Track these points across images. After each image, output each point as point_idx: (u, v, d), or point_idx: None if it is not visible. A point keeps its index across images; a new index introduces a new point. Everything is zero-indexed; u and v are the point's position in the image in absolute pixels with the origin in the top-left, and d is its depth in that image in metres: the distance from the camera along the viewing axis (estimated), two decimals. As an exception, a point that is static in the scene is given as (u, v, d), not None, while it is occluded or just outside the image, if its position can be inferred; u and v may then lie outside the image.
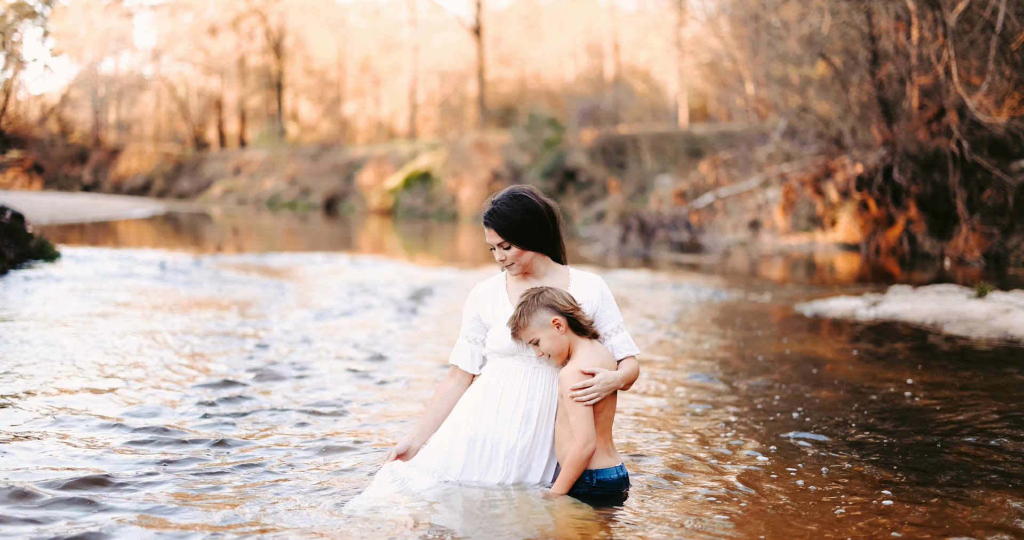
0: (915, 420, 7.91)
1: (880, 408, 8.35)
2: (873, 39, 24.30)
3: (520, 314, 5.65)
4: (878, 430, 7.55)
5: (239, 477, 6.08)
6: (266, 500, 5.62)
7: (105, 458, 6.43)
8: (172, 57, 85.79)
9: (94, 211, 48.78)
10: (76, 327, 12.14)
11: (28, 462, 6.26)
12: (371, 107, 77.68)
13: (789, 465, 6.54)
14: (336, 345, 11.64)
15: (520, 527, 5.13)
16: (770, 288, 18.50)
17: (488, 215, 5.82)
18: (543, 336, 5.62)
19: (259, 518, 5.29)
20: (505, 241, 5.80)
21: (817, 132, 27.70)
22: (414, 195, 55.62)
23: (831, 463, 6.60)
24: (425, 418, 6.13)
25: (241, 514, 5.35)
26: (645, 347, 11.63)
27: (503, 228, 5.79)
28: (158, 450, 6.67)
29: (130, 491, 5.76)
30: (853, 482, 6.17)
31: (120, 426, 7.27)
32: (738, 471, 6.39)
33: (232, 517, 5.29)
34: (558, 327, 5.61)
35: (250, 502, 5.58)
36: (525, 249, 5.83)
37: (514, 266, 5.87)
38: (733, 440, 7.26)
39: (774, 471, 6.41)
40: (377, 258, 25.94)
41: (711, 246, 28.97)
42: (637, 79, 58.43)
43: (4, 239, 19.50)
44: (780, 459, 6.71)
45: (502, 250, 5.83)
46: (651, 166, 41.79)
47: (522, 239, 5.79)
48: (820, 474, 6.33)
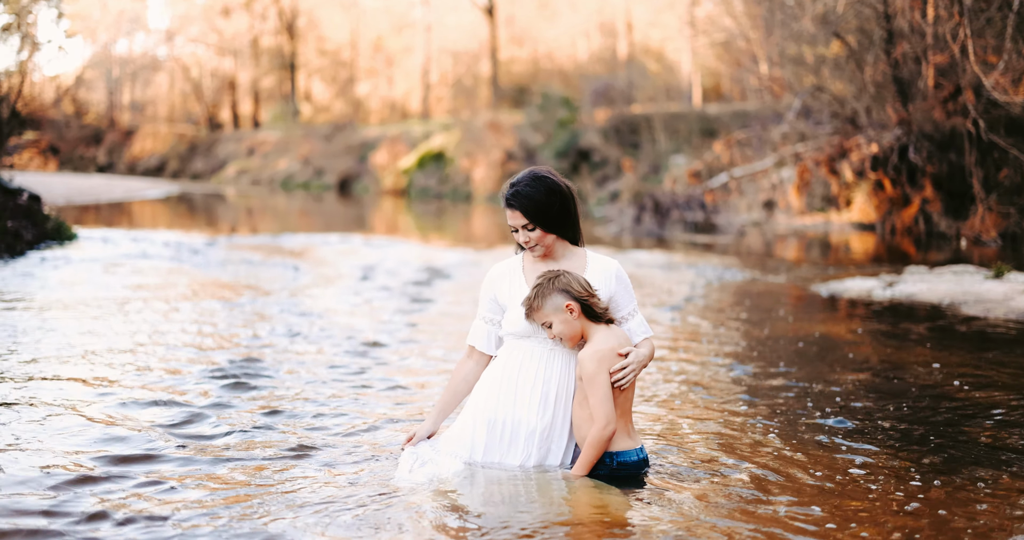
0: (938, 402, 7.89)
1: (901, 391, 8.33)
2: (888, 18, 24.19)
3: (535, 296, 5.64)
4: (901, 413, 7.53)
5: (261, 463, 6.09)
6: (292, 485, 5.63)
7: (114, 442, 6.43)
8: (185, 38, 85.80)
9: (109, 192, 48.86)
10: (92, 309, 12.17)
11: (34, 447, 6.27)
12: (384, 87, 77.59)
13: (811, 448, 6.53)
14: (353, 326, 11.66)
15: (543, 508, 5.15)
16: (785, 268, 18.47)
17: (512, 196, 5.75)
18: (556, 320, 5.61)
19: (287, 504, 5.30)
20: (530, 223, 5.75)
21: (832, 112, 27.60)
22: (428, 175, 55.59)
23: (853, 446, 6.59)
24: (444, 400, 6.14)
25: (266, 502, 5.35)
26: (661, 329, 11.62)
27: (528, 209, 5.72)
28: (172, 435, 6.67)
29: (141, 482, 5.74)
30: (876, 465, 6.16)
31: (133, 409, 7.28)
32: (758, 454, 6.39)
33: (258, 504, 5.29)
34: (571, 312, 5.59)
35: (276, 489, 5.59)
36: (548, 231, 5.80)
37: (537, 248, 5.83)
38: (753, 423, 7.26)
39: (795, 453, 6.40)
40: (391, 239, 25.96)
41: (725, 226, 28.93)
42: (650, 58, 58.28)
43: (21, 221, 19.56)
44: (801, 441, 6.70)
45: (526, 232, 5.78)
46: (665, 146, 41.70)
47: (546, 221, 5.75)
48: (842, 457, 6.32)
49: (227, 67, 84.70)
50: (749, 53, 35.19)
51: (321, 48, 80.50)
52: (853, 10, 25.17)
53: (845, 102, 26.94)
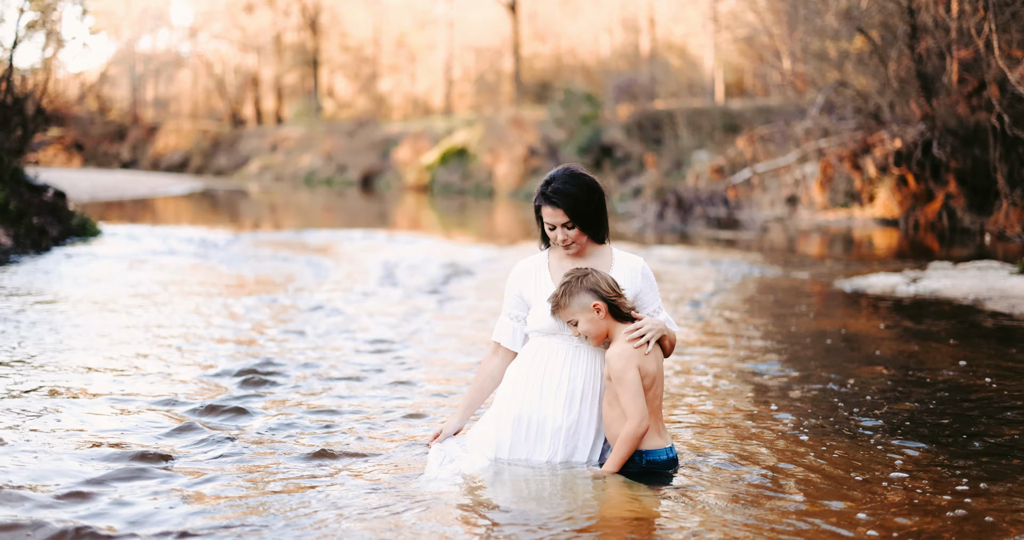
0: (966, 400, 7.85)
1: (929, 388, 8.29)
2: (912, 12, 24.10)
3: (562, 293, 5.63)
4: (929, 411, 7.49)
5: (289, 461, 6.09)
6: (315, 485, 5.64)
7: (128, 443, 6.39)
8: (209, 34, 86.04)
9: (133, 188, 49.02)
10: (117, 306, 12.22)
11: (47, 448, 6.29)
12: (407, 83, 77.62)
13: (841, 446, 6.49)
14: (375, 323, 11.68)
15: (571, 505, 5.15)
16: (809, 264, 18.44)
17: (554, 193, 5.71)
18: (582, 318, 5.61)
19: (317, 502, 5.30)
20: (570, 221, 5.73)
21: (855, 107, 27.51)
22: (450, 171, 55.62)
23: (885, 445, 6.55)
24: (469, 397, 6.16)
25: (295, 498, 5.35)
26: (686, 326, 11.62)
27: (570, 207, 5.70)
28: (189, 437, 6.64)
29: (171, 475, 5.78)
30: (909, 464, 6.12)
31: (150, 410, 7.29)
32: (787, 452, 6.36)
33: (289, 501, 5.30)
34: (598, 312, 5.59)
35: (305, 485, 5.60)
36: (584, 229, 5.80)
37: (572, 246, 5.82)
38: (781, 420, 7.24)
39: (826, 452, 6.36)
40: (415, 235, 26.00)
41: (748, 222, 28.87)
42: (673, 54, 58.16)
43: (47, 217, 19.66)
44: (831, 440, 6.67)
45: (564, 230, 5.75)
46: (688, 142, 41.62)
47: (585, 218, 5.74)
48: (874, 457, 6.28)
49: (250, 63, 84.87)
50: (772, 48, 35.12)
51: (344, 44, 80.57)
52: (877, 5, 25.08)
53: (868, 97, 26.86)
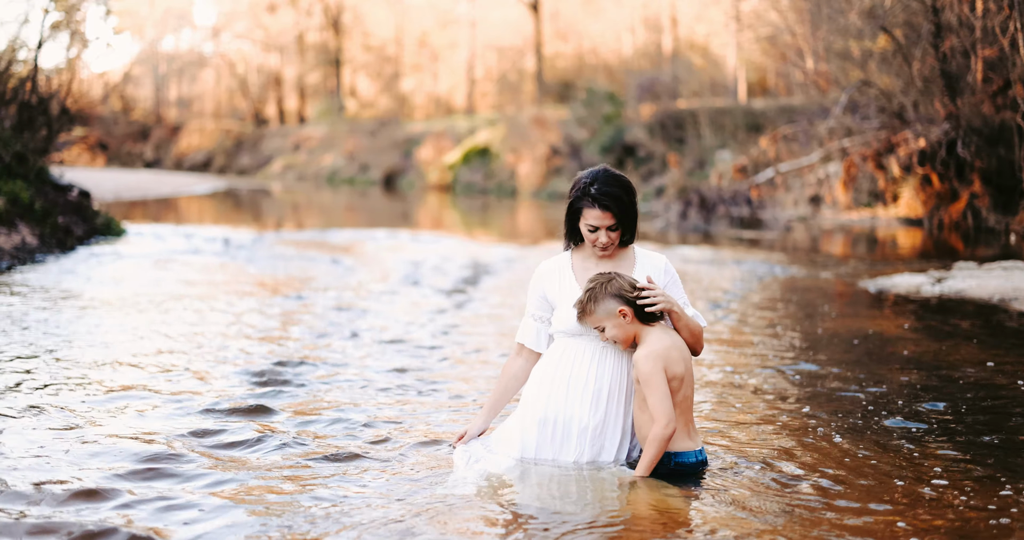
0: (994, 401, 7.80)
1: (957, 389, 8.24)
2: (936, 11, 24.01)
3: (587, 300, 5.60)
4: (958, 413, 7.44)
5: (312, 462, 6.09)
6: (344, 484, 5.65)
7: (147, 445, 6.35)
8: (232, 34, 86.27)
9: (157, 187, 49.17)
10: (141, 306, 12.26)
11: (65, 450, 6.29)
12: (429, 83, 77.67)
13: (869, 448, 6.45)
14: (398, 325, 11.69)
15: (598, 505, 5.15)
16: (832, 264, 18.39)
17: (603, 196, 5.64)
18: (609, 324, 5.58)
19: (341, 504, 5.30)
20: (615, 223, 5.70)
21: (879, 106, 27.41)
22: (473, 171, 55.63)
23: (913, 447, 6.50)
24: (494, 398, 6.15)
25: (318, 499, 5.35)
26: (710, 326, 11.58)
27: (619, 210, 5.68)
28: (209, 440, 6.62)
29: (192, 476, 5.77)
30: (939, 467, 6.07)
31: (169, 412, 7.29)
32: (816, 454, 6.32)
33: (312, 502, 5.30)
34: (624, 317, 5.57)
35: (330, 485, 5.60)
36: (626, 231, 5.80)
37: (609, 247, 5.80)
38: (809, 422, 7.20)
39: (854, 453, 6.33)
40: (438, 234, 26.02)
41: (772, 221, 28.80)
42: (695, 53, 58.06)
43: (72, 216, 19.74)
44: (858, 441, 6.63)
45: (607, 232, 5.71)
46: (710, 141, 41.56)
47: (628, 221, 5.74)
48: (903, 459, 6.24)
49: (273, 63, 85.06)
50: (795, 47, 35.02)
51: (366, 44, 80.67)
52: (900, 4, 25.00)
53: (892, 97, 26.77)
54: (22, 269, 15.16)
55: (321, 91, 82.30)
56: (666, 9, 60.55)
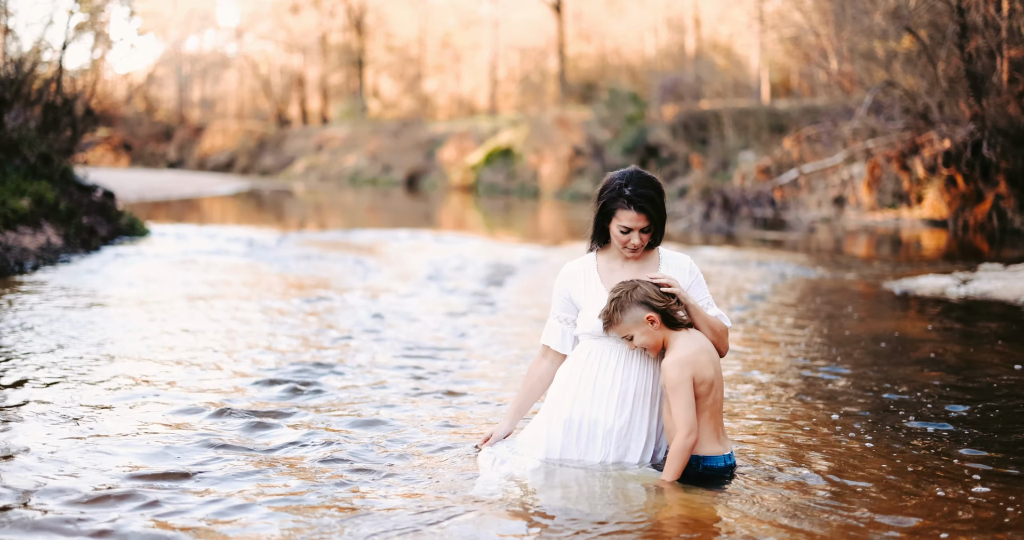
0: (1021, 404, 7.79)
1: (984, 392, 8.18)
2: (962, 12, 23.90)
3: (613, 310, 5.58)
4: (987, 416, 7.37)
5: (338, 465, 6.08)
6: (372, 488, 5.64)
7: (167, 449, 6.35)
8: (255, 35, 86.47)
9: (180, 188, 49.31)
10: (167, 307, 12.30)
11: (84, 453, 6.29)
12: (452, 83, 77.70)
13: (897, 451, 6.41)
14: (421, 326, 11.68)
15: (625, 507, 5.14)
16: (856, 265, 18.32)
17: (639, 197, 5.63)
18: (637, 332, 5.57)
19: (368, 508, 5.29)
20: (649, 225, 5.69)
21: (903, 107, 27.29)
22: (495, 171, 55.62)
23: (943, 451, 6.45)
24: (519, 400, 6.14)
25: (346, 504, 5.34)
26: (736, 327, 11.55)
27: (654, 212, 5.68)
28: (230, 443, 6.61)
29: (219, 482, 5.75)
30: (970, 472, 6.01)
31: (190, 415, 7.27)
32: (844, 457, 6.28)
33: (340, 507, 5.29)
34: (652, 323, 5.55)
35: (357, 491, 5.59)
36: (657, 233, 5.79)
37: (638, 250, 5.78)
38: (837, 425, 7.16)
39: (884, 457, 6.29)
40: (460, 235, 26.01)
41: (795, 222, 28.72)
42: (718, 54, 57.94)
43: (96, 216, 19.82)
44: (886, 445, 6.58)
45: (640, 234, 5.70)
46: (733, 142, 41.46)
47: (661, 223, 5.74)
48: (932, 463, 6.18)
49: (296, 64, 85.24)
50: (819, 48, 34.91)
51: (389, 45, 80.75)
52: (925, 4, 24.90)
53: (917, 97, 26.65)
54: (47, 269, 15.22)
55: (344, 92, 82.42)
56: (689, 10, 60.44)
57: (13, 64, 21.09)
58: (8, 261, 15.08)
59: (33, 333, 10.07)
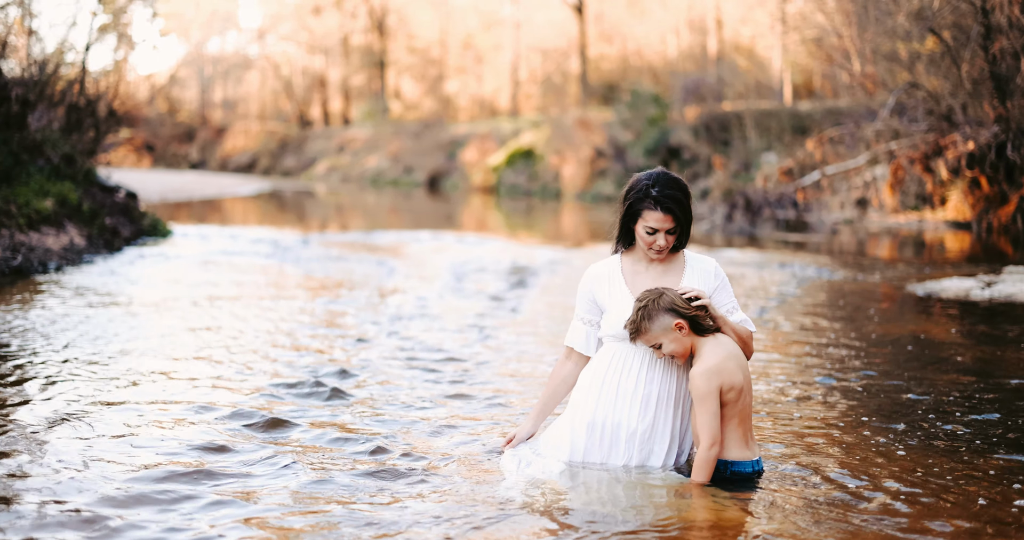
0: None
1: (1012, 395, 8.09)
2: (986, 13, 23.78)
3: (640, 318, 5.55)
4: (1013, 420, 7.31)
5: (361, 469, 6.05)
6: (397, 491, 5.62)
7: (187, 454, 6.33)
8: (277, 36, 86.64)
9: (202, 189, 49.42)
10: (189, 308, 12.32)
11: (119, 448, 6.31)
12: (473, 85, 77.69)
13: (926, 457, 6.35)
14: (446, 326, 11.68)
15: (650, 510, 5.12)
16: (879, 267, 18.25)
17: (667, 198, 5.62)
18: (666, 340, 5.55)
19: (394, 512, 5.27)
20: (676, 226, 5.68)
21: (927, 109, 27.18)
22: (517, 173, 55.58)
23: (971, 458, 6.38)
24: (543, 401, 6.13)
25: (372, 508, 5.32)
26: (759, 330, 11.49)
27: (681, 213, 5.67)
28: (268, 447, 6.60)
29: (238, 491, 5.72)
30: (1000, 480, 5.94)
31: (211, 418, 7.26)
32: (871, 462, 6.22)
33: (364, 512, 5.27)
34: (680, 330, 5.53)
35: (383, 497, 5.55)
36: (682, 235, 5.77)
37: (663, 251, 5.77)
38: (863, 429, 7.12)
39: (913, 462, 6.24)
40: (482, 236, 25.99)
41: (817, 224, 28.64)
42: (741, 55, 57.82)
43: (119, 217, 19.87)
44: (917, 449, 6.52)
45: (666, 235, 5.69)
46: (756, 143, 41.35)
47: (687, 225, 5.72)
48: (959, 469, 6.11)
49: (318, 65, 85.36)
50: (841, 49, 34.80)
51: (411, 46, 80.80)
52: (949, 6, 24.79)
53: (940, 99, 26.55)
54: (70, 270, 15.27)
55: (365, 93, 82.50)
56: (711, 11, 60.35)
57: (37, 65, 21.17)
58: (32, 261, 15.13)
59: (53, 334, 10.08)
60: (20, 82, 20.25)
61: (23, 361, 8.74)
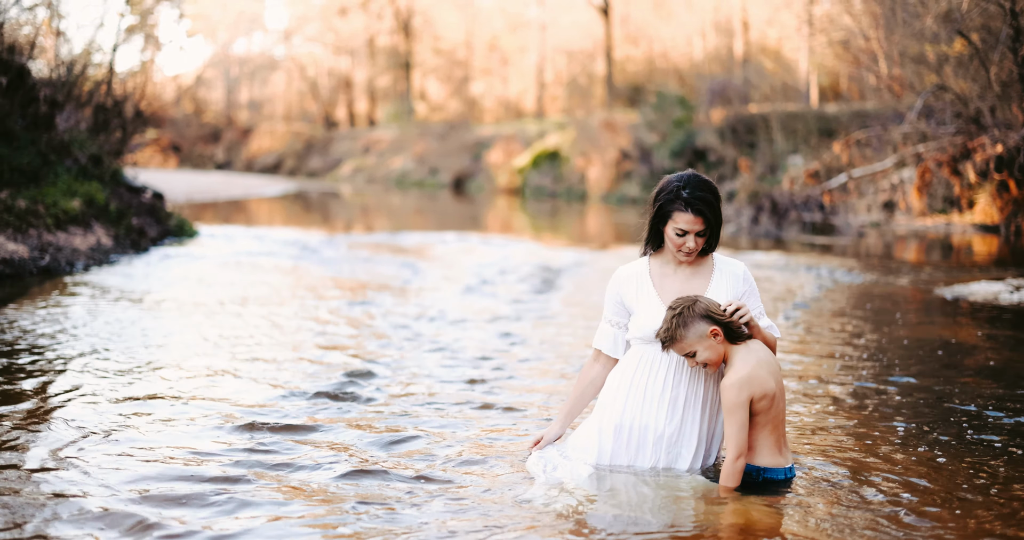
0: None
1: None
2: (1015, 15, 23.66)
3: (674, 326, 5.50)
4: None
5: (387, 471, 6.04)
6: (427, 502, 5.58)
7: (217, 453, 6.34)
8: (303, 38, 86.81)
9: (228, 190, 49.54)
10: (216, 309, 12.33)
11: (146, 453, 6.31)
12: (499, 86, 77.69)
13: (961, 466, 6.28)
14: (472, 328, 11.67)
15: (678, 514, 5.10)
16: (907, 271, 18.16)
17: (697, 200, 5.60)
18: (700, 347, 5.50)
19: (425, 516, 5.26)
20: (705, 229, 5.65)
21: (955, 111, 27.05)
22: (542, 174, 55.54)
23: (1007, 465, 6.32)
24: (570, 403, 6.12)
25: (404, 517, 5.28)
26: (785, 333, 11.45)
27: (712, 215, 5.65)
28: (290, 452, 6.58)
29: (259, 496, 5.66)
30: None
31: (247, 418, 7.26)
32: (906, 466, 6.19)
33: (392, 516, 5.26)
34: (715, 337, 5.49)
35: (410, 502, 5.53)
36: (712, 237, 5.74)
37: (693, 254, 5.74)
38: (895, 432, 7.07)
39: (946, 468, 6.20)
40: (508, 238, 25.98)
41: (844, 227, 28.54)
42: (767, 58, 57.67)
43: (146, 217, 19.93)
44: (949, 455, 6.46)
45: (695, 237, 5.66)
46: (782, 146, 41.23)
47: (717, 227, 5.70)
48: (995, 477, 6.06)
49: (343, 66, 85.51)
50: (869, 52, 34.66)
51: (436, 47, 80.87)
52: (978, 8, 24.67)
53: (969, 101, 26.41)
54: (97, 270, 15.31)
55: (391, 94, 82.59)
56: (737, 13, 60.24)
57: (65, 66, 21.27)
58: (59, 261, 15.18)
59: (80, 334, 10.11)
60: (48, 83, 20.36)
61: (49, 361, 8.77)
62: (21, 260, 14.41)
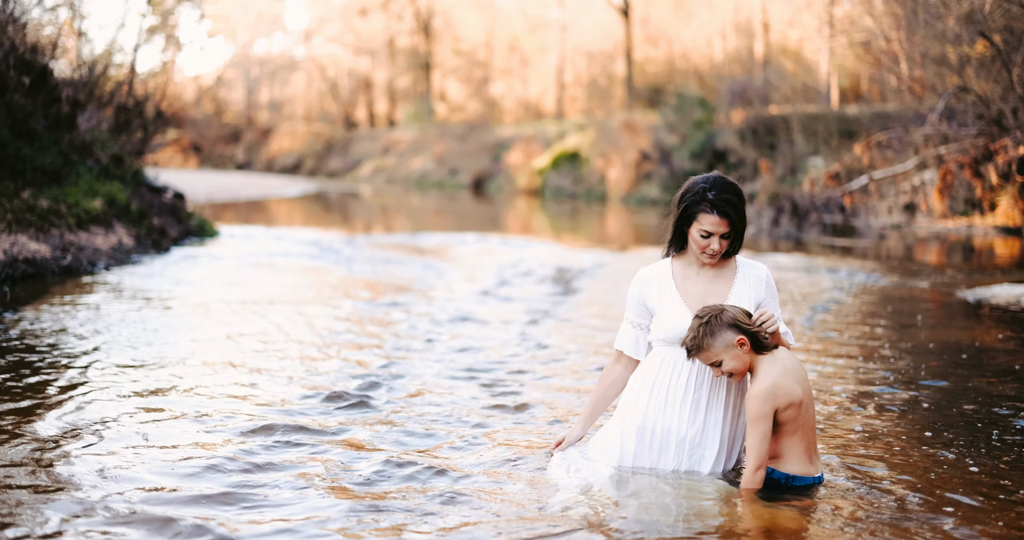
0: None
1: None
2: (1038, 17, 23.60)
3: (701, 334, 5.46)
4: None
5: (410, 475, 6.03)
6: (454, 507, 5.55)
7: (235, 455, 6.31)
8: (323, 38, 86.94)
9: (248, 190, 49.64)
10: (237, 310, 12.35)
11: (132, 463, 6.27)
12: (518, 87, 77.68)
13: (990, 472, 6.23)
14: (493, 329, 11.67)
15: (701, 517, 5.08)
16: (928, 273, 18.09)
17: (723, 202, 5.59)
18: (727, 356, 5.47)
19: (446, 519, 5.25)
20: (730, 231, 5.64)
21: (977, 113, 26.95)
22: (562, 175, 55.51)
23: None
24: (592, 405, 6.11)
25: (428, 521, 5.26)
26: (805, 336, 11.42)
27: (737, 217, 5.64)
28: (308, 455, 6.55)
29: (280, 499, 5.66)
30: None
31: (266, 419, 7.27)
32: (931, 471, 6.17)
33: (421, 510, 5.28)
34: (742, 346, 5.46)
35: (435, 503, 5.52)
36: (736, 240, 5.72)
37: (716, 256, 5.72)
38: (919, 437, 7.04)
39: (972, 473, 6.15)
40: (527, 239, 25.97)
41: (865, 229, 28.46)
42: (787, 59, 57.54)
43: (167, 217, 19.98)
44: (975, 459, 6.42)
45: (720, 239, 5.65)
46: (802, 147, 41.12)
47: (742, 229, 5.68)
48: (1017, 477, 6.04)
49: (363, 67, 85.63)
50: (890, 53, 34.55)
51: (456, 48, 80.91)
52: (1000, 9, 24.58)
53: (991, 103, 26.32)
54: (118, 269, 15.36)
55: (411, 95, 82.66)
56: (758, 14, 60.15)
57: (86, 66, 21.35)
58: (81, 261, 15.23)
59: (101, 334, 10.14)
60: (70, 83, 20.44)
61: (69, 360, 8.79)
62: (43, 259, 14.46)
